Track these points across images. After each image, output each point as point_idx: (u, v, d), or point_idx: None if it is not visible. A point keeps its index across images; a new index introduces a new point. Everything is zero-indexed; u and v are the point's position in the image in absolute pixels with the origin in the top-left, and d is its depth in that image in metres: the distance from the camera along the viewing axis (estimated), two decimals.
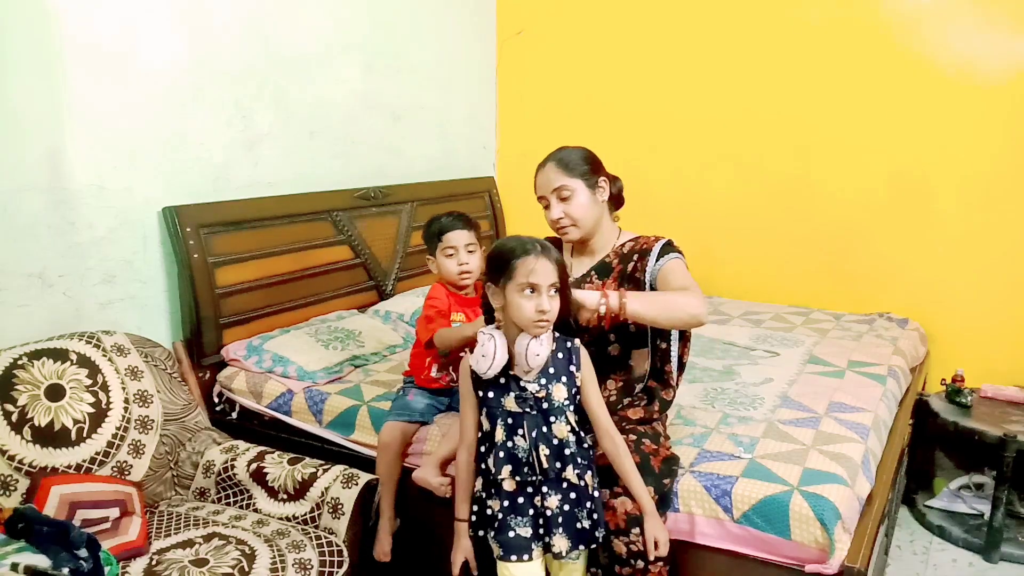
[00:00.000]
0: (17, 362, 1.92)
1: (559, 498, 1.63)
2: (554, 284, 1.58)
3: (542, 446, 1.61)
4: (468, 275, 2.11)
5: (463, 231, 2.11)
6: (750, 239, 3.61)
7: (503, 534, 1.65)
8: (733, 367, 2.65)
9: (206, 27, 2.55)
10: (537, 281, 1.56)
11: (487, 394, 1.65)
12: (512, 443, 1.63)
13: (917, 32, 3.16)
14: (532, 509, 1.64)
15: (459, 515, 1.75)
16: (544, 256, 1.58)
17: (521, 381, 1.63)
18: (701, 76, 3.60)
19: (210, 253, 2.54)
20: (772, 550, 1.77)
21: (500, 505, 1.65)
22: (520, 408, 1.63)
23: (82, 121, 2.22)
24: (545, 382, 1.63)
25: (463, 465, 1.73)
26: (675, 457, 1.91)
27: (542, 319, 1.57)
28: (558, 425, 1.63)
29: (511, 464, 1.63)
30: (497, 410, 1.64)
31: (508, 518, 1.64)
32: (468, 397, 1.70)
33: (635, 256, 1.94)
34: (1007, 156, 3.07)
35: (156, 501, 2.06)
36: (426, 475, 2.01)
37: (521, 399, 1.62)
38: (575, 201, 1.91)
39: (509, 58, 4.05)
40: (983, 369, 3.08)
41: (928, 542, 2.77)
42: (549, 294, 1.58)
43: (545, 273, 1.57)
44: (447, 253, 2.10)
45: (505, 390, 1.64)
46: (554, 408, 1.63)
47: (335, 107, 3.09)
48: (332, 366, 2.52)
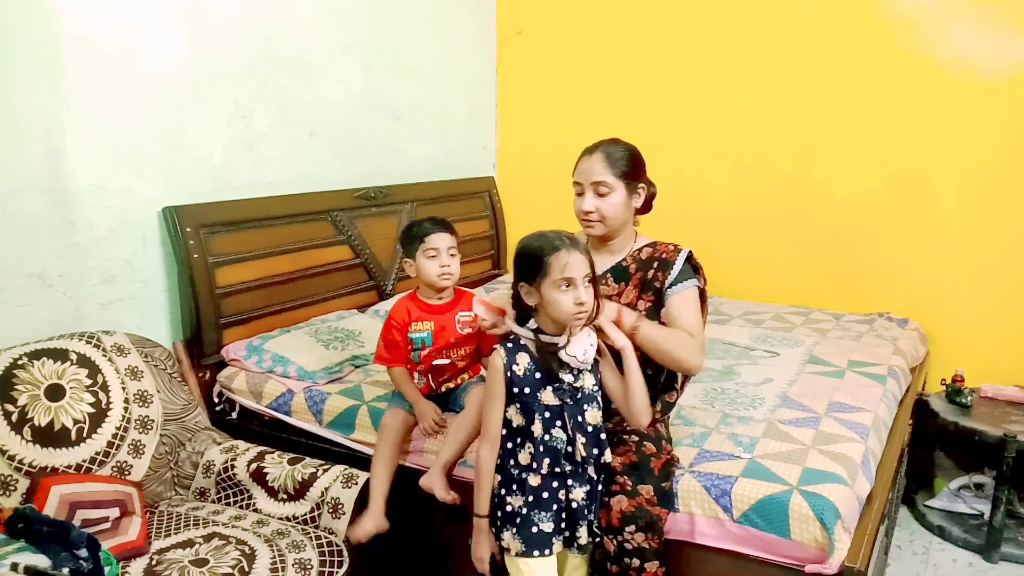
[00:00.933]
0: (17, 362, 1.92)
1: (585, 490, 1.67)
2: (587, 275, 1.61)
3: (579, 435, 1.64)
4: (448, 277, 2.10)
5: (445, 234, 2.11)
6: (750, 239, 3.61)
7: (526, 529, 1.64)
8: (733, 367, 2.65)
9: (206, 27, 2.55)
10: (572, 275, 1.58)
11: (523, 390, 1.65)
12: (550, 436, 1.65)
13: (917, 32, 3.16)
14: (556, 504, 1.65)
15: (480, 511, 1.73)
16: (575, 249, 1.61)
17: (565, 365, 1.66)
18: (701, 76, 3.60)
19: (210, 253, 2.54)
20: (772, 550, 1.77)
21: (523, 501, 1.65)
22: (559, 400, 1.65)
23: (82, 121, 2.22)
24: (577, 372, 1.67)
25: (485, 461, 1.71)
26: (675, 459, 1.91)
27: (581, 311, 1.60)
28: (591, 412, 1.68)
29: (550, 457, 1.64)
30: (534, 404, 1.65)
31: (532, 513, 1.65)
32: (498, 395, 1.67)
33: (655, 264, 1.92)
34: (1007, 156, 3.07)
35: (156, 501, 2.06)
36: (432, 483, 2.00)
37: (560, 390, 1.65)
38: (610, 200, 1.89)
39: (509, 58, 4.05)
40: (983, 369, 3.09)
41: (928, 542, 2.77)
42: (584, 285, 1.60)
43: (579, 266, 1.59)
44: (429, 255, 2.09)
45: (541, 384, 1.65)
46: (586, 396, 1.67)
47: (335, 107, 3.09)
48: (332, 366, 2.52)
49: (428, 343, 2.12)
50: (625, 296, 1.93)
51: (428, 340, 2.13)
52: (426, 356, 2.13)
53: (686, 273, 1.90)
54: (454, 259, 2.12)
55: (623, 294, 1.93)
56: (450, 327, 2.13)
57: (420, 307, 2.15)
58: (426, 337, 2.13)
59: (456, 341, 2.14)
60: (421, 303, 2.15)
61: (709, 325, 3.09)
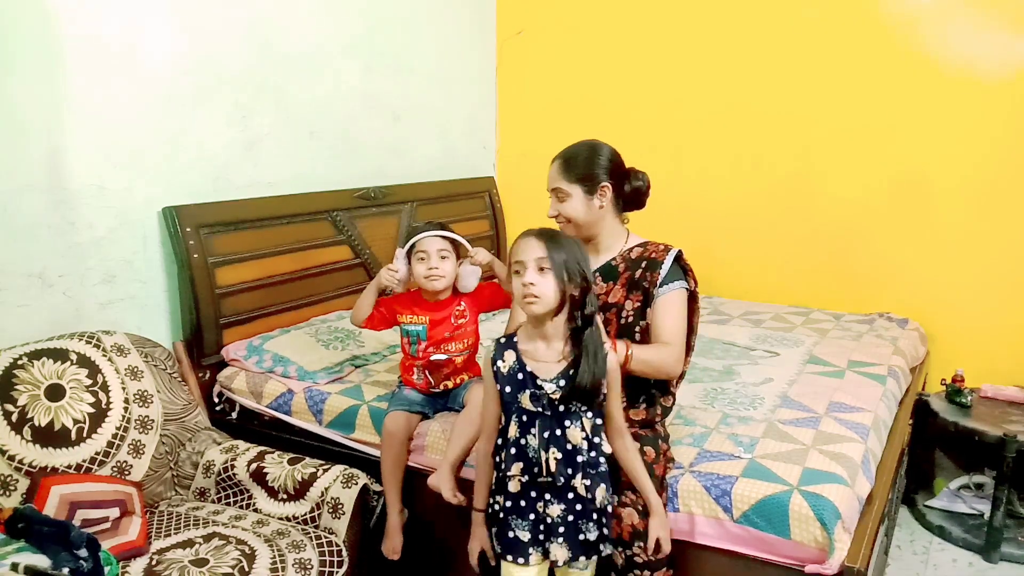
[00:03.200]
0: (17, 362, 1.92)
1: (562, 507, 1.60)
2: (541, 259, 1.55)
3: (553, 449, 1.58)
4: (437, 278, 2.12)
5: (435, 238, 2.12)
6: (750, 239, 3.61)
7: (503, 533, 1.64)
8: (733, 367, 2.65)
9: (207, 27, 2.55)
10: (521, 258, 1.57)
11: (504, 388, 1.62)
12: (524, 441, 1.60)
13: (917, 32, 3.16)
14: (533, 514, 1.62)
15: (476, 505, 1.73)
16: (531, 236, 1.58)
17: (538, 379, 1.59)
18: (701, 76, 3.60)
19: (210, 253, 2.54)
20: (772, 550, 1.77)
21: (503, 503, 1.64)
22: (534, 407, 1.59)
23: (82, 121, 2.22)
24: (564, 383, 1.58)
25: (482, 455, 1.71)
26: (671, 459, 1.92)
27: (527, 293, 1.55)
28: (572, 430, 1.59)
29: (521, 462, 1.60)
30: (513, 406, 1.62)
31: (509, 518, 1.63)
32: (490, 389, 1.66)
33: (643, 264, 1.92)
34: (1007, 156, 3.07)
35: (156, 501, 2.06)
36: (440, 483, 2.01)
37: (535, 397, 1.59)
38: (570, 204, 1.93)
39: (509, 58, 4.05)
40: (983, 369, 3.08)
41: (928, 542, 2.77)
42: (535, 269, 1.55)
43: (528, 249, 1.57)
44: (419, 257, 2.12)
45: (522, 387, 1.60)
46: (570, 412, 1.59)
47: (335, 107, 3.09)
48: (332, 366, 2.52)
49: (423, 337, 2.15)
50: (613, 295, 1.94)
51: (423, 334, 2.15)
52: (423, 351, 2.15)
53: (675, 274, 1.90)
54: (444, 261, 2.12)
55: (611, 293, 1.94)
56: (445, 321, 2.16)
57: (417, 301, 2.18)
58: (420, 331, 2.15)
59: (451, 335, 2.15)
60: (419, 299, 2.18)
61: (709, 325, 3.13)
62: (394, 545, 2.08)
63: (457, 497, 1.96)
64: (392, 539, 2.08)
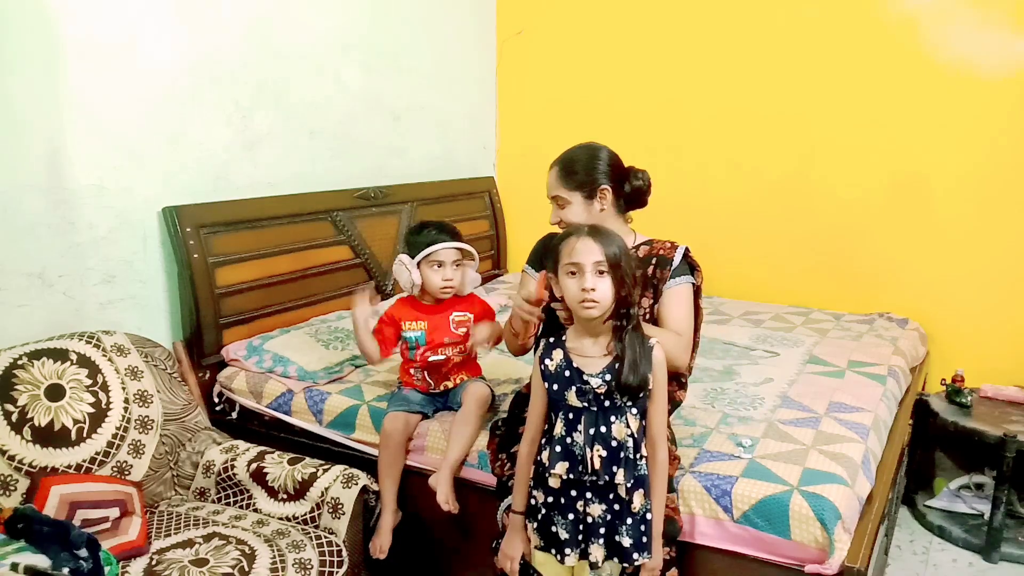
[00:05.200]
0: (17, 362, 1.92)
1: (603, 507, 1.58)
2: (599, 263, 1.54)
3: (597, 446, 1.56)
4: (450, 289, 2.13)
5: (452, 249, 2.12)
6: (750, 239, 3.61)
7: (545, 527, 1.63)
8: (733, 367, 2.65)
9: (206, 27, 2.55)
10: (579, 260, 1.54)
11: (551, 386, 1.61)
12: (571, 439, 1.58)
13: (917, 31, 3.16)
14: (573, 513, 1.59)
15: (516, 507, 1.70)
16: (588, 236, 1.56)
17: (584, 374, 1.58)
18: (701, 76, 3.60)
19: (210, 253, 2.54)
20: (772, 550, 1.77)
21: (543, 499, 1.62)
22: (580, 403, 1.58)
23: (82, 121, 2.22)
24: (610, 378, 1.56)
25: (524, 458, 1.69)
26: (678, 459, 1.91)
27: (586, 298, 1.53)
28: (617, 426, 1.57)
29: (567, 460, 1.58)
30: (560, 403, 1.60)
31: (552, 514, 1.62)
32: (538, 389, 1.65)
33: (653, 261, 1.92)
34: (1007, 156, 3.07)
35: (156, 501, 2.06)
36: (437, 484, 2.01)
37: (581, 392, 1.57)
38: (570, 210, 1.93)
39: (509, 58, 4.05)
40: (983, 369, 3.08)
41: (928, 542, 2.77)
42: (594, 273, 1.54)
43: (587, 252, 1.54)
44: (432, 266, 2.11)
45: (569, 383, 1.59)
46: (615, 407, 1.58)
47: (335, 107, 3.09)
48: (332, 366, 2.52)
49: (422, 342, 2.15)
50: None
51: (422, 339, 2.15)
52: (421, 355, 2.15)
53: (682, 269, 1.91)
54: (458, 271, 2.12)
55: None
56: (443, 327, 2.16)
57: (415, 307, 2.18)
58: (419, 336, 2.15)
59: (450, 341, 2.16)
60: (417, 303, 2.18)
61: (709, 325, 3.13)
62: (382, 544, 2.06)
63: (449, 504, 1.96)
64: (381, 538, 2.07)
